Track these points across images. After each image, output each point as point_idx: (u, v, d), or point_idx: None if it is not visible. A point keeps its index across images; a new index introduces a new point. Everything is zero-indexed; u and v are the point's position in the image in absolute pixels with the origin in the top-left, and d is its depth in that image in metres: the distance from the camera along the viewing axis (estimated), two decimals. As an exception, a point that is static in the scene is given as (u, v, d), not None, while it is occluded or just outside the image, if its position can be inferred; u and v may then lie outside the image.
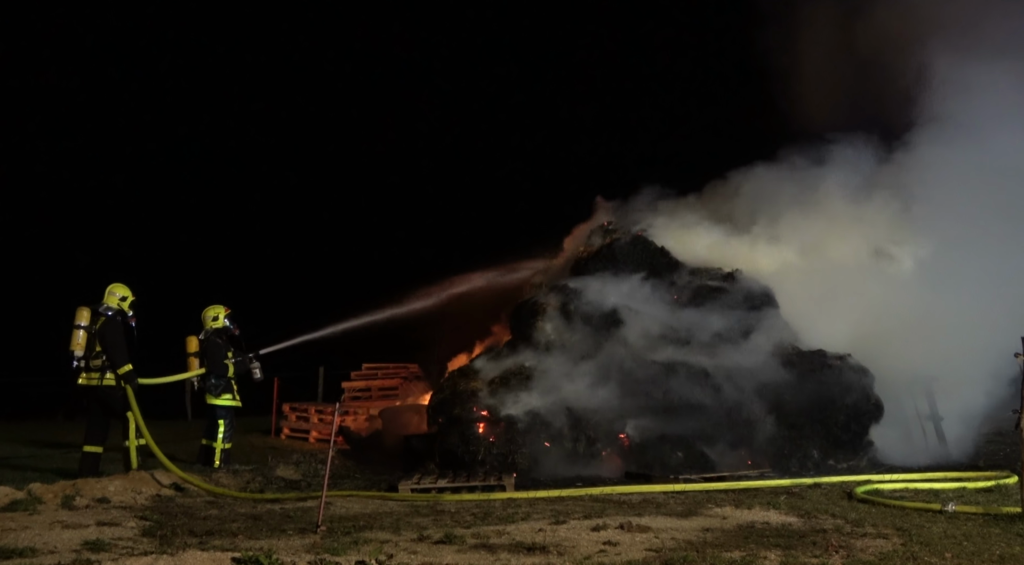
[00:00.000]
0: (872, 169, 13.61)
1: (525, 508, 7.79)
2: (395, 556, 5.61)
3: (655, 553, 5.80)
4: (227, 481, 9.41)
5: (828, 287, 12.31)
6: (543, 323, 11.89)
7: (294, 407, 15.41)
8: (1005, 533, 6.45)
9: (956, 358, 11.62)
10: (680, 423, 10.62)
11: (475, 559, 5.64)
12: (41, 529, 6.50)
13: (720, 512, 7.52)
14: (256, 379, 11.03)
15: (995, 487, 8.71)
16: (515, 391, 10.83)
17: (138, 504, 8.00)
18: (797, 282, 12.50)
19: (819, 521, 7.06)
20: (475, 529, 6.65)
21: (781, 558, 5.63)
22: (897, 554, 5.76)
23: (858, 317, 11.95)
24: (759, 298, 12.14)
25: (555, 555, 5.74)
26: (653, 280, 12.50)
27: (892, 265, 12.83)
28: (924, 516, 7.23)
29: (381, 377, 16.67)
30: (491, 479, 9.38)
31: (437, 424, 11.10)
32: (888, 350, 11.61)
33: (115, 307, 9.52)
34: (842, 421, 11.05)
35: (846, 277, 12.34)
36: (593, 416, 10.68)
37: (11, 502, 7.46)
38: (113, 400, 9.34)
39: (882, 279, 12.45)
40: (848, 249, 12.97)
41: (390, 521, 7.08)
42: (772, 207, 13.59)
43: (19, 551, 5.65)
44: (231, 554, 5.37)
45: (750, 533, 6.53)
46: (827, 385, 11.11)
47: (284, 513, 7.55)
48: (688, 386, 10.88)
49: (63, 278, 25.29)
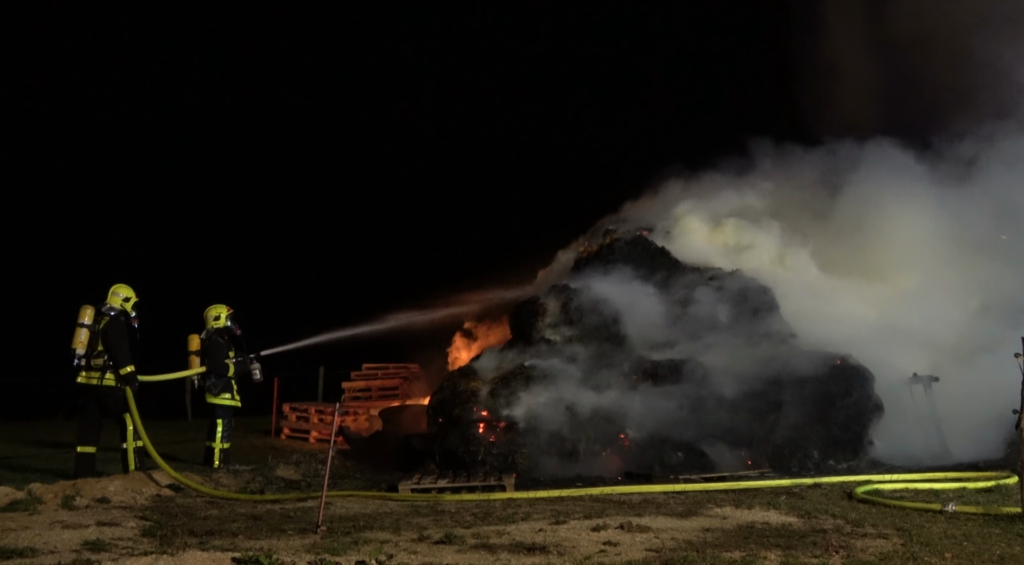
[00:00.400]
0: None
1: (525, 508, 7.79)
2: (395, 556, 5.61)
3: (655, 553, 5.80)
4: (227, 481, 9.41)
5: (829, 287, 12.32)
6: (543, 323, 11.89)
7: (294, 407, 15.42)
8: (1005, 533, 6.45)
9: (957, 358, 11.65)
10: (680, 423, 10.62)
11: (475, 559, 5.64)
12: (41, 529, 6.50)
13: (720, 512, 7.51)
14: (256, 380, 11.07)
15: (995, 487, 8.70)
16: (515, 391, 10.83)
17: (138, 504, 8.00)
18: (798, 282, 12.50)
19: (819, 521, 7.06)
20: (475, 529, 6.65)
21: (781, 558, 5.63)
22: (897, 554, 5.76)
23: (859, 317, 11.95)
24: (759, 298, 12.14)
25: (555, 555, 5.74)
26: (653, 280, 12.50)
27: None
28: (924, 516, 7.22)
29: (381, 377, 16.68)
30: (491, 479, 9.37)
31: (437, 424, 11.10)
32: (889, 350, 11.61)
33: (118, 307, 9.52)
34: (842, 421, 11.04)
35: (846, 277, 12.35)
36: (593, 416, 10.67)
37: (11, 502, 7.46)
38: (111, 400, 9.34)
39: (882, 279, 12.45)
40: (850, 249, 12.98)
41: (390, 521, 7.07)
42: (773, 207, 13.60)
43: (19, 551, 5.66)
44: (231, 554, 5.37)
45: (750, 533, 6.52)
46: (827, 385, 11.10)
47: (284, 513, 7.55)
48: (688, 386, 10.88)
49: (64, 277, 25.30)
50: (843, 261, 12.82)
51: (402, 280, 28.88)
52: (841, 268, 12.66)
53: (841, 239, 13.10)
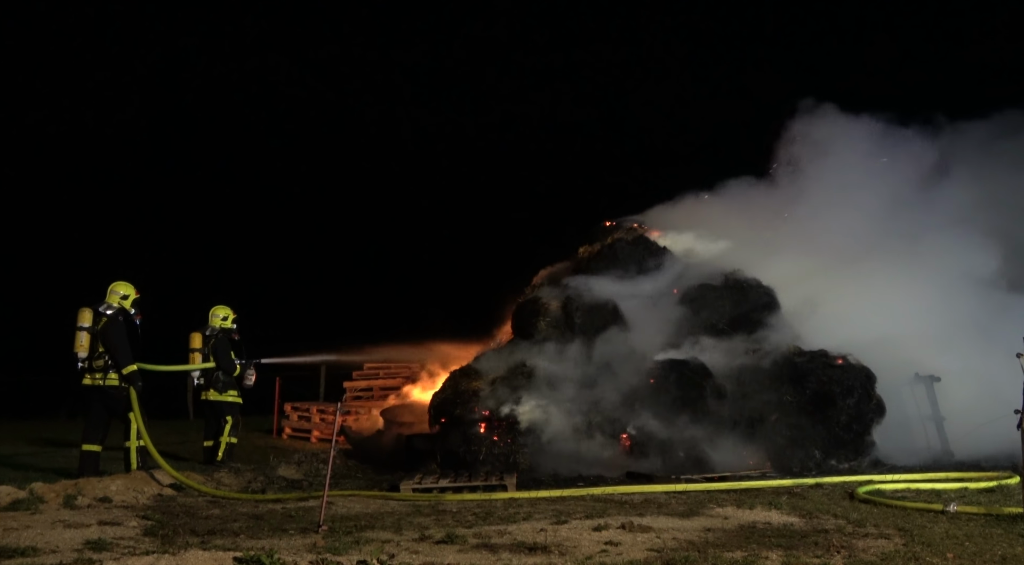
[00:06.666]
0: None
1: (527, 508, 7.79)
2: (397, 556, 5.61)
3: (656, 553, 5.79)
4: (229, 481, 9.41)
5: (830, 286, 12.30)
6: (544, 322, 11.88)
7: (296, 407, 15.43)
8: (1007, 533, 6.44)
9: (958, 358, 11.63)
10: (681, 423, 10.62)
11: (477, 559, 5.64)
12: (43, 528, 6.50)
13: (722, 512, 7.51)
14: (247, 385, 11.17)
15: (997, 487, 8.70)
16: (517, 391, 10.83)
17: (140, 504, 8.00)
18: (799, 281, 12.48)
19: (821, 521, 7.06)
20: (477, 529, 6.65)
21: (783, 558, 5.63)
22: (899, 554, 5.75)
23: (860, 316, 11.93)
24: (761, 297, 12.13)
25: (557, 555, 5.74)
26: (654, 279, 12.49)
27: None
28: (926, 516, 7.22)
29: (383, 377, 16.67)
30: (493, 479, 9.36)
31: (439, 424, 11.10)
32: (890, 350, 11.60)
33: (116, 306, 9.46)
34: (844, 421, 11.04)
35: (847, 277, 12.32)
36: (594, 416, 10.68)
37: (13, 501, 7.46)
38: (116, 400, 9.33)
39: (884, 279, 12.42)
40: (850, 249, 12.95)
41: (392, 521, 7.07)
42: (774, 207, 13.58)
43: (21, 550, 5.66)
44: (233, 554, 5.37)
45: (752, 533, 6.52)
46: (829, 385, 11.10)
47: (286, 513, 7.55)
48: (689, 386, 10.88)
49: (64, 277, 25.34)
50: (843, 261, 12.78)
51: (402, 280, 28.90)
52: (842, 268, 12.62)
53: (841, 239, 13.07)
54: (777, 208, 13.65)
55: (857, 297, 12.02)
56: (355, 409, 14.72)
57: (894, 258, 12.58)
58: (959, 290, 12.29)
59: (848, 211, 13.22)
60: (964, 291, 12.34)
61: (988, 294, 12.54)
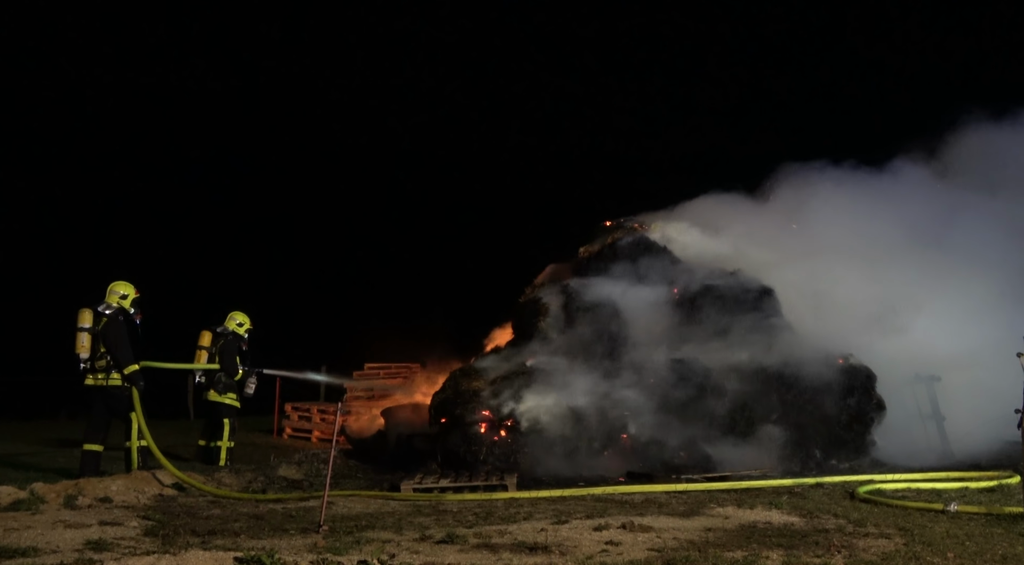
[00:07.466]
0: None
1: (527, 508, 7.79)
2: (397, 556, 5.61)
3: (657, 553, 5.80)
4: (230, 481, 9.42)
5: (831, 286, 12.29)
6: (545, 322, 11.88)
7: (296, 407, 15.43)
8: (1008, 533, 6.45)
9: (959, 357, 11.63)
10: (682, 422, 10.62)
11: (477, 559, 5.64)
12: (44, 528, 6.51)
13: (722, 512, 7.51)
14: (247, 392, 11.28)
15: (997, 487, 8.70)
16: (517, 391, 10.82)
17: (140, 504, 8.01)
18: (799, 281, 12.48)
19: (821, 521, 7.06)
20: (477, 529, 6.65)
21: (783, 558, 5.63)
22: (899, 554, 5.75)
23: (861, 316, 11.93)
24: (761, 297, 12.11)
25: (557, 555, 5.75)
26: (655, 279, 12.48)
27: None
28: (927, 516, 7.23)
29: (384, 377, 16.65)
30: (493, 479, 9.37)
31: (439, 424, 11.10)
32: (891, 350, 11.60)
33: (116, 306, 9.46)
34: (844, 421, 11.04)
35: (847, 277, 12.32)
36: (595, 415, 10.67)
37: (14, 502, 7.47)
38: (118, 400, 9.33)
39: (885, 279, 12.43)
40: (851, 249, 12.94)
41: (392, 521, 7.08)
42: (775, 207, 13.58)
43: (22, 550, 5.66)
44: (233, 554, 5.37)
45: (752, 533, 6.52)
46: (829, 384, 11.10)
47: (286, 513, 7.55)
48: (690, 385, 10.87)
49: (65, 276, 25.33)
50: (844, 261, 12.78)
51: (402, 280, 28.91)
52: (842, 267, 12.62)
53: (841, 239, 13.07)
54: (778, 208, 13.64)
55: (858, 297, 12.02)
56: (355, 409, 14.71)
57: (894, 258, 12.57)
58: (959, 289, 12.28)
59: (848, 211, 13.21)
60: (964, 290, 12.33)
61: (988, 293, 12.52)
